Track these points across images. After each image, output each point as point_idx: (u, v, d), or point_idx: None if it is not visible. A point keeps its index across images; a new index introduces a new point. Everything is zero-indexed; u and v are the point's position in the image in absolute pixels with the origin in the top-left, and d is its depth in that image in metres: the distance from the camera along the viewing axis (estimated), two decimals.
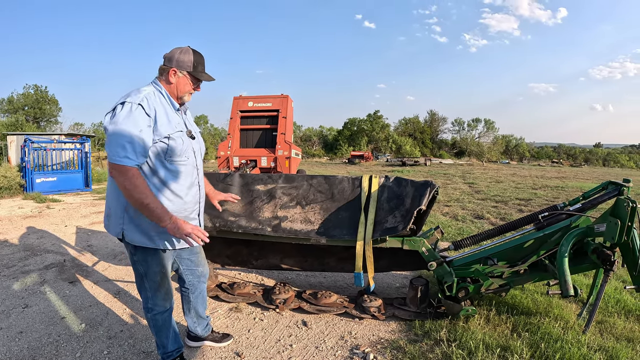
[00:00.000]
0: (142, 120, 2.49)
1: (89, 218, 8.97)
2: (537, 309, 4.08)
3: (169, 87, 2.76)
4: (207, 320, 3.52)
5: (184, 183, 2.76)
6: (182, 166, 2.72)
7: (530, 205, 11.55)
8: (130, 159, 2.44)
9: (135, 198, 2.45)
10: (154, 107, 2.58)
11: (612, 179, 4.19)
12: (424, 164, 40.37)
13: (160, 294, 2.88)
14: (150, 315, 2.92)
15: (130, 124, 2.45)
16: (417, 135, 72.70)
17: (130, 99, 2.52)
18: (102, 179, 17.84)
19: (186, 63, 2.74)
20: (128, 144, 2.43)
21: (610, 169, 55.05)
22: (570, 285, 3.40)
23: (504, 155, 71.96)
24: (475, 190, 15.32)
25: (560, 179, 22.47)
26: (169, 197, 2.69)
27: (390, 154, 59.37)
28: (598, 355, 3.20)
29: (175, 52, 2.75)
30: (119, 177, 2.45)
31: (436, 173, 25.19)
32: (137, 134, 2.46)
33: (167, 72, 2.73)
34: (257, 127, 12.33)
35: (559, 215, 3.91)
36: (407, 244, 3.91)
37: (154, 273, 2.81)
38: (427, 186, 3.84)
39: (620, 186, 3.73)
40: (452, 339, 3.50)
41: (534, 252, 3.85)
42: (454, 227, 8.27)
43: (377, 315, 3.98)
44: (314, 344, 3.56)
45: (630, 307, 4.23)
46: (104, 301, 4.36)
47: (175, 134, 2.66)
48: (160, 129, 2.58)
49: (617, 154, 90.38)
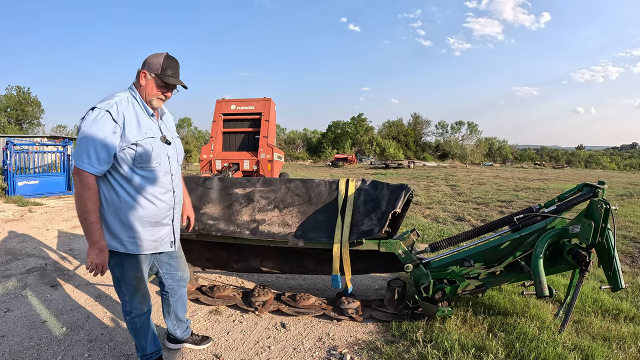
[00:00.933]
0: (108, 126, 2.50)
1: (71, 222, 8.90)
2: (513, 309, 4.12)
3: (139, 90, 2.74)
4: (187, 324, 3.51)
5: (155, 189, 2.75)
6: (153, 172, 2.72)
7: (512, 207, 11.65)
8: (93, 166, 2.48)
9: (79, 205, 2.51)
10: (123, 114, 2.58)
11: (593, 180, 4.25)
12: (408, 166, 40.52)
13: (137, 297, 2.88)
14: (129, 318, 2.93)
15: (96, 130, 2.47)
16: (401, 138, 72.95)
17: (100, 105, 2.54)
18: None
19: (155, 65, 2.71)
20: (92, 151, 2.46)
21: (592, 170, 55.60)
22: (545, 285, 3.45)
23: (487, 158, 72.44)
24: (457, 192, 15.41)
25: (543, 181, 22.65)
26: (141, 203, 2.69)
27: (374, 156, 59.52)
28: (573, 354, 3.24)
29: (152, 55, 2.75)
30: (77, 181, 2.50)
31: (419, 175, 25.29)
32: (101, 141, 2.48)
33: (138, 75, 2.74)
34: (240, 130, 12.33)
35: (534, 217, 3.96)
36: (383, 246, 3.95)
37: (130, 277, 2.81)
38: (402, 189, 3.88)
39: (595, 188, 3.78)
40: (428, 339, 3.53)
41: (510, 254, 3.90)
42: (434, 229, 8.32)
43: (355, 316, 4.01)
44: (292, 346, 3.58)
45: (607, 306, 4.29)
46: (84, 305, 4.35)
47: (145, 140, 2.65)
48: (128, 135, 2.58)
49: (599, 155, 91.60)
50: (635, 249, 6.97)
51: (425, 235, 7.61)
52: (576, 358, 3.20)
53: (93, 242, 2.54)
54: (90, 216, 2.51)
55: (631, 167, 79.98)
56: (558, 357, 3.19)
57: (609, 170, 61.04)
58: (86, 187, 2.48)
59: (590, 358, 3.23)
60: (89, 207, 2.50)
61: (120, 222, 2.66)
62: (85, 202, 2.49)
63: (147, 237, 2.77)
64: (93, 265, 2.57)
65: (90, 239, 2.53)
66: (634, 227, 8.72)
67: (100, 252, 2.56)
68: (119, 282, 2.85)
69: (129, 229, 2.67)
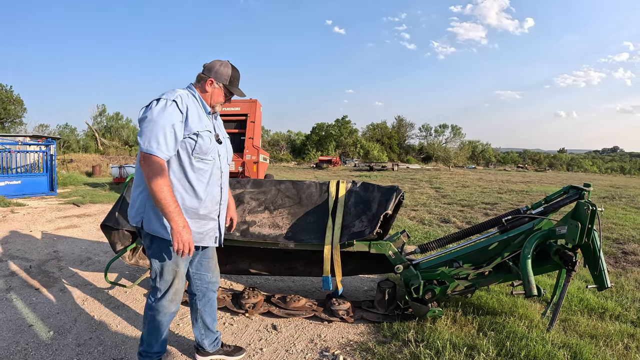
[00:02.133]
0: (175, 115, 2.62)
1: (55, 223, 8.81)
2: (502, 308, 4.17)
3: (204, 95, 2.89)
4: (217, 335, 3.39)
5: (204, 181, 2.83)
6: (206, 164, 2.82)
7: (496, 209, 11.74)
8: (162, 151, 2.56)
9: (154, 189, 2.53)
10: (187, 105, 2.71)
11: (575, 183, 4.32)
12: (392, 169, 40.64)
13: (169, 295, 2.89)
14: (151, 313, 2.92)
15: (165, 118, 2.58)
16: (385, 140, 73.17)
17: (165, 96, 2.66)
18: (67, 183, 17.55)
19: (224, 76, 2.88)
20: (161, 137, 2.56)
21: (574, 173, 56.35)
22: (533, 285, 3.51)
23: (471, 161, 72.91)
24: (441, 194, 15.48)
25: (525, 184, 22.85)
26: (188, 191, 2.78)
27: (358, 159, 59.60)
28: (562, 352, 3.29)
29: (216, 64, 2.89)
30: (146, 167, 2.55)
31: (403, 178, 25.39)
32: (170, 128, 2.59)
33: (204, 81, 2.87)
34: (226, 131, 12.29)
35: (521, 218, 4.01)
36: (374, 247, 3.97)
37: (168, 271, 2.84)
38: (393, 191, 3.92)
39: (580, 190, 3.84)
40: (419, 339, 3.56)
41: (498, 254, 3.95)
42: (420, 231, 8.35)
43: (346, 318, 4.02)
44: (284, 348, 3.58)
45: (593, 305, 4.36)
46: (71, 308, 4.29)
47: (204, 133, 2.77)
48: (191, 125, 2.70)
49: (580, 159, 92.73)
50: (618, 250, 7.08)
51: (411, 237, 7.64)
52: (565, 355, 3.26)
53: (174, 221, 2.58)
54: (167, 196, 2.56)
55: (612, 170, 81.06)
56: (547, 354, 3.24)
57: (590, 173, 61.88)
58: (158, 171, 2.55)
59: (579, 355, 3.28)
60: (164, 189, 2.56)
61: None
62: (161, 187, 2.54)
63: (194, 228, 2.81)
64: (180, 243, 2.60)
65: (171, 219, 2.57)
66: (617, 229, 8.85)
67: (183, 228, 2.60)
68: (156, 275, 2.87)
69: None
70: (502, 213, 4.31)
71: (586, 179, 30.16)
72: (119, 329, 3.85)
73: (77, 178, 20.09)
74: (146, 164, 2.56)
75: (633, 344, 3.57)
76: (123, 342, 3.62)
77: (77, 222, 8.89)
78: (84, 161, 30.76)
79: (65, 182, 17.61)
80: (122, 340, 3.64)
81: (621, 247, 7.26)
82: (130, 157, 37.47)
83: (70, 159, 30.09)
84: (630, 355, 3.40)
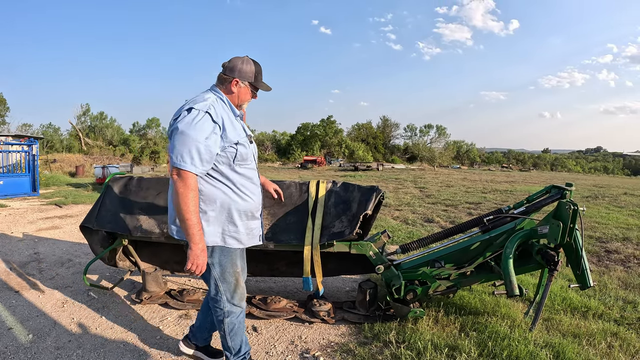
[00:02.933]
0: (208, 127, 2.55)
1: (36, 224, 8.68)
2: (484, 308, 4.16)
3: (230, 97, 2.83)
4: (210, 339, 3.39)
5: (251, 184, 2.87)
6: (249, 170, 2.85)
7: (480, 208, 11.76)
8: (196, 166, 2.52)
9: (182, 207, 2.50)
10: (221, 115, 2.66)
11: (558, 183, 4.32)
12: (377, 168, 40.66)
13: (238, 294, 2.91)
14: (228, 320, 2.92)
15: (197, 131, 2.51)
16: (370, 140, 73.25)
17: (197, 105, 2.58)
18: (50, 184, 17.34)
19: (248, 74, 2.82)
20: (194, 151, 2.50)
21: (557, 173, 56.79)
22: (515, 285, 3.50)
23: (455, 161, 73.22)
24: (426, 194, 15.49)
25: (510, 183, 22.95)
26: (241, 195, 2.80)
27: (343, 159, 59.57)
28: (545, 352, 3.29)
29: (237, 62, 2.82)
30: (177, 181, 2.50)
31: (388, 178, 25.39)
32: (204, 142, 2.52)
33: (229, 82, 2.80)
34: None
35: (503, 218, 4.00)
36: (354, 248, 3.95)
37: (229, 273, 2.85)
38: (373, 191, 3.91)
39: (562, 190, 3.83)
40: (401, 340, 3.54)
41: (480, 254, 3.94)
42: (404, 231, 8.33)
43: (327, 319, 3.99)
44: (264, 349, 3.54)
45: (576, 304, 4.37)
46: (51, 311, 4.23)
47: (244, 140, 2.78)
48: (230, 135, 2.67)
49: (564, 159, 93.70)
50: (601, 249, 7.12)
51: (394, 237, 7.63)
52: (547, 355, 3.26)
53: (195, 243, 2.55)
54: (193, 217, 2.53)
55: (595, 170, 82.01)
56: (530, 354, 3.23)
57: (574, 173, 62.40)
58: (189, 187, 2.51)
59: (562, 354, 3.27)
60: (191, 209, 2.52)
61: (222, 217, 2.74)
62: (188, 204, 2.50)
63: (244, 230, 2.85)
64: (194, 265, 2.57)
65: (192, 240, 2.54)
66: (599, 228, 8.91)
67: (201, 252, 2.58)
68: (216, 282, 2.85)
69: (230, 223, 2.77)
70: (486, 212, 4.29)
71: (569, 179, 30.42)
72: (98, 332, 3.80)
73: (60, 178, 19.90)
74: (178, 179, 2.51)
75: (616, 342, 3.58)
76: (102, 345, 3.57)
77: (58, 223, 8.78)
78: (67, 161, 30.47)
79: (48, 182, 17.44)
80: (102, 343, 3.59)
81: (604, 246, 7.30)
82: (113, 158, 37.16)
83: (53, 159, 29.80)
84: (614, 354, 3.40)
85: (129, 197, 4.27)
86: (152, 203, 4.19)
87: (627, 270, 5.91)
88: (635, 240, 7.75)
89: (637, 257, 6.58)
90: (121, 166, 22.84)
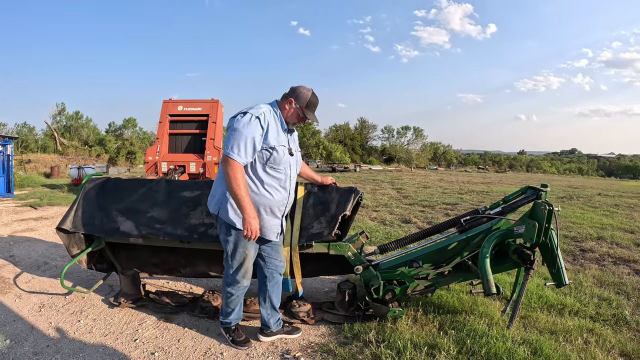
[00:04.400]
0: (257, 129, 3.14)
1: (11, 227, 8.52)
2: (462, 307, 4.21)
3: (283, 112, 3.39)
4: (279, 315, 3.81)
5: (277, 185, 3.35)
6: (278, 173, 3.33)
7: (457, 209, 11.83)
8: (240, 157, 3.10)
9: (232, 186, 3.07)
10: (268, 122, 3.22)
11: (534, 184, 4.39)
12: (354, 170, 40.62)
13: (241, 272, 3.46)
14: (229, 289, 3.52)
15: (248, 130, 3.11)
16: (347, 142, 73.04)
17: (252, 111, 3.17)
18: (24, 185, 17.03)
19: (303, 99, 3.35)
20: (242, 146, 3.10)
21: (533, 174, 57.38)
22: (492, 284, 3.54)
23: (432, 162, 73.40)
24: (403, 195, 15.51)
25: (486, 184, 23.10)
26: (264, 193, 3.30)
27: (320, 160, 59.41)
28: (522, 348, 3.34)
29: (301, 88, 3.38)
30: (227, 168, 3.09)
31: (365, 179, 25.40)
32: (251, 140, 3.12)
33: (285, 99, 3.39)
34: (187, 131, 12.20)
35: (480, 218, 4.05)
36: (333, 249, 4.00)
37: (239, 253, 3.39)
38: (351, 192, 3.96)
39: (538, 191, 3.89)
40: (380, 339, 3.57)
41: (457, 254, 3.99)
42: (381, 232, 8.34)
43: (307, 319, 4.01)
44: (245, 351, 3.54)
45: (552, 302, 4.45)
46: (27, 315, 4.16)
47: (279, 147, 3.27)
48: (270, 139, 3.22)
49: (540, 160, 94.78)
50: (576, 248, 7.24)
51: (372, 238, 7.64)
52: (525, 351, 3.30)
53: (246, 213, 3.09)
54: (243, 193, 3.08)
55: (570, 171, 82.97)
56: (508, 351, 3.28)
57: (549, 174, 63.07)
58: (237, 171, 3.07)
59: (539, 351, 3.33)
60: (241, 186, 3.08)
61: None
62: (238, 183, 3.06)
63: (262, 223, 3.33)
64: (249, 231, 3.10)
65: (245, 211, 3.09)
66: (574, 227, 9.05)
67: (253, 219, 3.10)
68: (227, 256, 3.44)
69: None
70: (463, 213, 4.34)
71: (545, 180, 30.78)
72: (76, 336, 3.75)
73: (35, 179, 19.57)
74: (227, 166, 3.08)
75: (592, 338, 3.66)
76: (81, 349, 3.53)
77: (34, 226, 8.64)
78: (43, 162, 29.94)
79: (23, 183, 17.14)
80: (80, 348, 3.55)
81: (579, 245, 7.42)
82: (89, 158, 36.60)
83: (28, 159, 29.28)
84: (590, 349, 3.47)
85: (106, 198, 4.24)
86: (130, 205, 4.18)
87: (602, 269, 6.02)
88: (610, 239, 7.90)
89: (611, 256, 6.72)
90: (97, 167, 22.61)
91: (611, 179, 53.12)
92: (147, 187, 4.26)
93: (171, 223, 4.08)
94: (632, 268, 6.11)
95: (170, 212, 4.13)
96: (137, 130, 63.53)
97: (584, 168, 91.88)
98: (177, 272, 4.74)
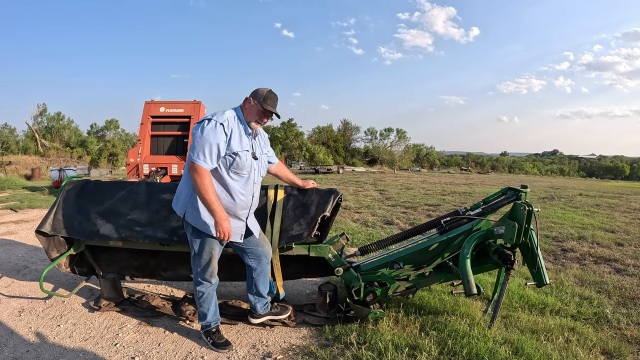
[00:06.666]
0: (221, 136, 3.25)
1: None
2: (444, 308, 4.23)
3: (244, 113, 3.48)
4: (267, 300, 3.97)
5: (240, 190, 3.46)
6: (241, 177, 3.45)
7: (439, 210, 11.85)
8: (207, 162, 3.21)
9: (201, 191, 3.19)
10: (231, 128, 3.34)
11: (516, 185, 4.42)
12: (337, 171, 40.57)
13: (207, 271, 3.57)
14: (198, 287, 3.62)
15: (212, 137, 3.22)
16: (331, 143, 73.05)
17: (216, 117, 3.29)
18: (5, 187, 16.74)
19: (260, 95, 3.42)
20: (207, 151, 3.20)
21: (515, 175, 57.83)
22: (473, 284, 3.57)
23: (415, 164, 73.59)
24: (385, 197, 15.52)
25: (469, 185, 23.21)
26: (227, 197, 3.41)
27: (303, 161, 59.33)
28: (504, 348, 3.38)
29: (259, 88, 3.48)
30: (194, 174, 3.19)
31: (348, 180, 25.35)
32: (215, 146, 3.23)
33: (246, 100, 3.49)
34: (169, 133, 12.13)
35: (461, 219, 4.07)
36: (313, 250, 4.00)
37: (205, 253, 3.50)
38: (331, 194, 3.97)
39: (518, 191, 3.91)
40: (362, 341, 3.57)
41: (438, 255, 4.01)
42: (364, 233, 8.35)
43: (288, 322, 4.00)
44: (226, 354, 3.52)
45: (533, 301, 4.50)
46: (7, 320, 4.10)
47: (242, 152, 3.38)
48: (233, 145, 3.32)
49: (522, 161, 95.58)
50: (557, 247, 7.31)
51: (354, 239, 7.65)
52: (507, 351, 3.34)
53: (219, 216, 3.24)
54: (211, 196, 3.20)
55: (552, 172, 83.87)
56: (489, 351, 3.30)
57: (531, 175, 63.68)
58: (204, 176, 3.19)
59: (520, 350, 3.36)
60: (209, 190, 3.20)
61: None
62: (207, 189, 3.19)
63: None
64: (221, 233, 3.27)
65: (216, 214, 3.24)
66: (556, 227, 9.13)
67: (225, 221, 3.27)
68: (194, 256, 3.55)
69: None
70: (445, 214, 4.36)
71: (527, 181, 31.05)
72: (56, 341, 3.71)
73: (16, 181, 19.27)
74: (194, 172, 3.19)
75: (573, 337, 3.71)
76: (61, 354, 3.50)
77: (14, 229, 8.51)
78: (23, 163, 29.53)
79: (3, 185, 16.88)
80: (60, 353, 3.52)
81: (560, 245, 7.49)
82: (71, 160, 36.19)
83: (8, 161, 28.91)
84: (571, 348, 3.51)
85: (86, 201, 4.20)
86: (110, 207, 4.14)
87: (583, 268, 6.09)
88: (590, 239, 7.99)
89: (592, 255, 6.79)
90: (78, 169, 22.34)
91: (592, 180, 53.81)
92: (127, 189, 4.22)
93: (151, 226, 4.04)
94: (613, 267, 6.19)
95: (151, 214, 4.10)
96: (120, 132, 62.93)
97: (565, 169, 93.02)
98: (158, 275, 4.70)
